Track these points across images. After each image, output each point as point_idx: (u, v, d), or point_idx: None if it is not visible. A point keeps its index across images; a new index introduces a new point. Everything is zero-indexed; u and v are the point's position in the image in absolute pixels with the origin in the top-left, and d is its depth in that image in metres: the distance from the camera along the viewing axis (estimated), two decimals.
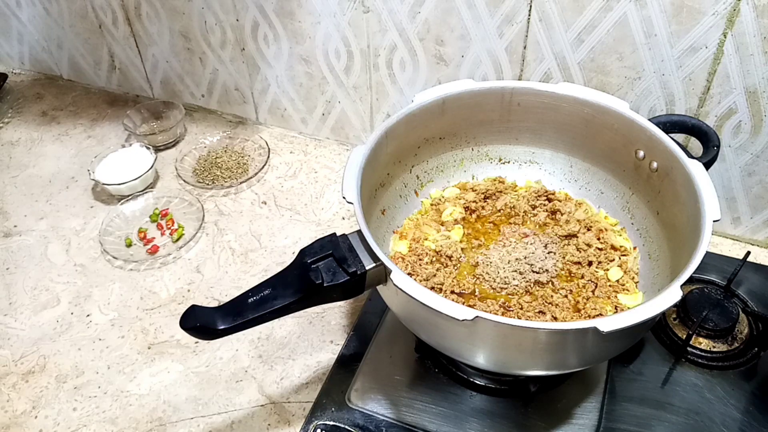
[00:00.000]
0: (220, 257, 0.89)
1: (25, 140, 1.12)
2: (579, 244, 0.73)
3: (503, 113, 0.77)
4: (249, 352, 0.77)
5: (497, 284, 0.69)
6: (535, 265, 0.70)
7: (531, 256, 0.71)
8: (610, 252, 0.73)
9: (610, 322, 0.51)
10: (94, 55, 1.18)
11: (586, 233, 0.74)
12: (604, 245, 0.73)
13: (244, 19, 0.97)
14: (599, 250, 0.73)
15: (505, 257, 0.71)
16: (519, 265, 0.70)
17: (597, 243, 0.73)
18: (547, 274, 0.69)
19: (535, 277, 0.69)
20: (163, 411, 0.72)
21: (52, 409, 0.72)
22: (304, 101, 1.04)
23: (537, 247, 0.72)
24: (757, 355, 0.73)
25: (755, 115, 0.76)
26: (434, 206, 0.79)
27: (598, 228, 0.75)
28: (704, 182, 0.62)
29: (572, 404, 0.69)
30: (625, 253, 0.73)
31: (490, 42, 0.84)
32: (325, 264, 0.58)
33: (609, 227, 0.75)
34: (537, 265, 0.70)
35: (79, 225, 0.95)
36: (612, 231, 0.75)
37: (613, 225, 0.76)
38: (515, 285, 0.69)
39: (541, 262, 0.70)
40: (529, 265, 0.70)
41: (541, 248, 0.72)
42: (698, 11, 0.71)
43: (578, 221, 0.76)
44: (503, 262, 0.70)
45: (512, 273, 0.69)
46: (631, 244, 0.74)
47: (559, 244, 0.73)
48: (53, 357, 0.77)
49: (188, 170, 1.03)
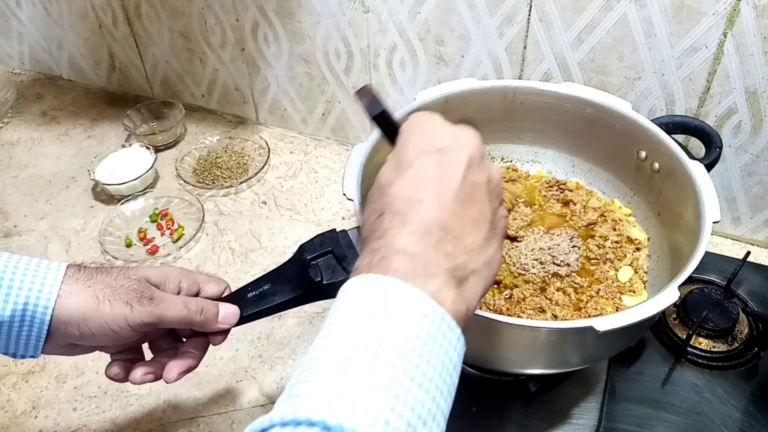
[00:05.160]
0: (220, 257, 0.89)
1: (25, 140, 1.12)
2: (598, 240, 0.72)
3: (506, 112, 0.77)
4: (249, 352, 0.77)
5: (515, 269, 0.69)
6: (557, 258, 0.70)
7: (556, 248, 0.71)
8: (625, 246, 0.72)
9: (606, 322, 0.51)
10: (94, 55, 1.18)
11: (603, 225, 0.74)
12: (620, 238, 0.72)
13: (244, 19, 0.97)
14: (616, 244, 0.72)
15: (530, 245, 0.71)
16: (542, 254, 0.70)
17: (614, 235, 0.72)
18: (568, 268, 0.69)
19: (555, 269, 0.69)
20: (163, 411, 0.72)
21: (52, 409, 0.72)
22: (304, 101, 1.04)
23: (563, 240, 0.72)
24: (757, 355, 0.73)
25: (755, 115, 0.76)
26: None
27: (612, 218, 0.74)
28: (705, 184, 0.62)
29: (572, 404, 0.69)
30: (639, 246, 0.72)
31: (490, 42, 0.84)
32: (325, 261, 0.58)
33: (623, 217, 0.75)
34: (560, 258, 0.70)
35: (79, 225, 0.95)
36: (627, 221, 0.74)
37: (627, 215, 0.76)
38: (533, 273, 0.69)
39: (564, 255, 0.70)
40: (551, 256, 0.70)
41: (567, 241, 0.72)
42: (698, 11, 0.71)
43: (594, 209, 0.75)
44: (527, 249, 0.71)
45: (533, 261, 0.69)
46: (644, 235, 0.73)
47: (583, 239, 0.73)
48: (53, 357, 0.77)
49: (188, 170, 1.03)
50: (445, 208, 0.39)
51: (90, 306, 0.49)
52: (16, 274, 0.49)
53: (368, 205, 0.43)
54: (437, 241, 0.39)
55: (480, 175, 0.42)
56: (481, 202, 0.42)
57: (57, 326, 0.49)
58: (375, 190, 0.43)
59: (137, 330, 0.51)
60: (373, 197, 0.43)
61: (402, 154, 0.42)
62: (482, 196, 0.42)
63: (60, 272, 0.50)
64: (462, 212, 0.40)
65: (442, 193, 0.40)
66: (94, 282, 0.51)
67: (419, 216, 0.39)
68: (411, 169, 0.41)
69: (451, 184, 0.40)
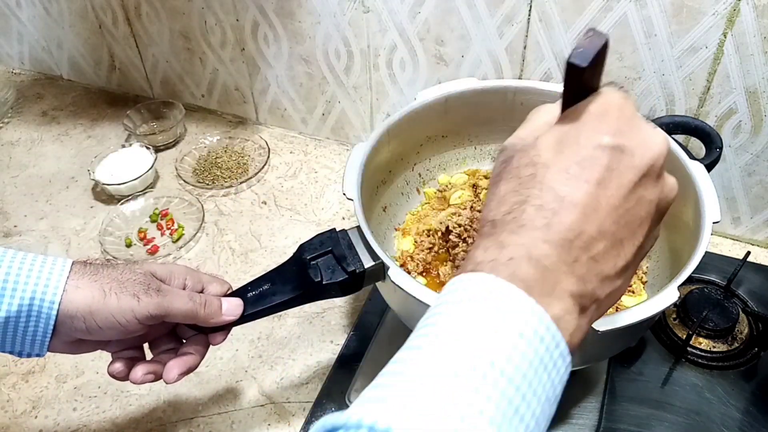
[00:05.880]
0: (220, 257, 0.89)
1: (25, 140, 1.12)
2: None
3: (506, 112, 0.77)
4: (249, 352, 0.77)
5: None
6: None
7: None
8: None
9: (606, 322, 0.51)
10: (94, 55, 1.18)
11: None
12: None
13: (244, 19, 0.97)
14: None
15: None
16: None
17: None
18: None
19: None
20: (163, 411, 0.72)
21: (52, 409, 0.72)
22: (304, 101, 1.04)
23: None
24: (757, 355, 0.73)
25: (755, 115, 0.76)
26: (440, 192, 0.79)
27: None
28: (705, 184, 0.62)
29: (572, 404, 0.69)
30: None
31: (490, 42, 0.84)
32: (324, 261, 0.58)
33: None
34: None
35: (79, 225, 0.95)
36: None
37: None
38: None
39: None
40: None
41: None
42: (698, 11, 0.71)
43: None
44: None
45: None
46: None
47: None
48: (53, 357, 0.77)
49: (188, 170, 1.03)
50: (596, 222, 0.33)
51: (97, 299, 0.49)
52: (22, 269, 0.49)
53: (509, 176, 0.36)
54: (575, 260, 0.33)
55: (653, 190, 0.35)
56: (639, 223, 0.35)
57: (63, 320, 0.49)
58: (523, 161, 0.36)
59: (144, 323, 0.51)
60: (520, 171, 0.36)
61: (571, 135, 0.35)
62: (643, 215, 0.35)
63: (66, 267, 0.50)
64: (612, 230, 0.34)
65: (600, 202, 0.33)
66: (100, 276, 0.51)
67: (565, 224, 0.33)
68: (576, 159, 0.34)
69: (615, 193, 0.34)
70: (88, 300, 0.49)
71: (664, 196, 0.36)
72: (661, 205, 0.36)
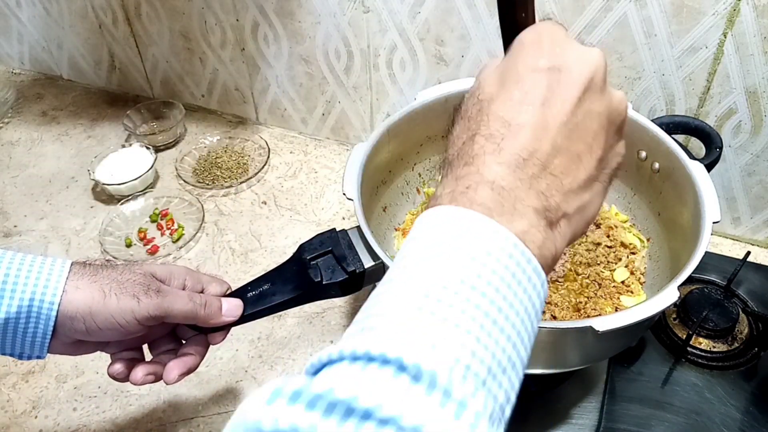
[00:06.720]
0: (220, 257, 0.89)
1: (25, 140, 1.12)
2: (588, 245, 0.73)
3: None
4: (249, 352, 0.77)
5: None
6: None
7: None
8: (619, 250, 0.72)
9: (606, 322, 0.51)
10: (94, 55, 1.18)
11: (596, 230, 0.74)
12: (614, 243, 0.73)
13: (244, 19, 0.97)
14: (608, 249, 0.72)
15: None
16: None
17: (607, 241, 0.72)
18: (554, 273, 0.69)
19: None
20: (163, 411, 0.72)
21: (52, 409, 0.72)
22: (304, 101, 1.04)
23: None
24: (757, 355, 0.73)
25: (755, 115, 0.76)
26: None
27: (607, 225, 0.74)
28: (705, 184, 0.62)
29: (572, 404, 0.69)
30: (634, 250, 0.72)
31: (491, 42, 0.84)
32: (324, 261, 0.58)
33: (619, 224, 0.75)
34: None
35: (79, 225, 0.95)
36: (622, 228, 0.75)
37: (623, 221, 0.76)
38: None
39: None
40: None
41: None
42: (698, 11, 0.71)
43: None
44: None
45: None
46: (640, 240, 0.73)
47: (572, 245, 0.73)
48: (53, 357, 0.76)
49: (188, 170, 1.03)
50: (547, 139, 0.34)
51: (96, 299, 0.49)
52: (21, 270, 0.49)
53: (460, 119, 0.38)
54: (531, 177, 0.34)
55: (599, 102, 0.36)
56: (593, 136, 0.36)
57: (63, 321, 0.49)
58: (471, 102, 0.37)
59: (144, 324, 0.51)
60: (468, 111, 0.37)
61: (510, 67, 0.37)
62: (595, 128, 0.36)
63: (65, 268, 0.50)
64: (566, 145, 0.35)
65: (548, 120, 0.35)
66: (99, 277, 0.51)
67: (516, 145, 0.34)
68: (517, 86, 0.36)
69: (560, 109, 0.35)
70: (87, 301, 0.49)
71: (614, 107, 0.38)
72: (612, 116, 0.38)
